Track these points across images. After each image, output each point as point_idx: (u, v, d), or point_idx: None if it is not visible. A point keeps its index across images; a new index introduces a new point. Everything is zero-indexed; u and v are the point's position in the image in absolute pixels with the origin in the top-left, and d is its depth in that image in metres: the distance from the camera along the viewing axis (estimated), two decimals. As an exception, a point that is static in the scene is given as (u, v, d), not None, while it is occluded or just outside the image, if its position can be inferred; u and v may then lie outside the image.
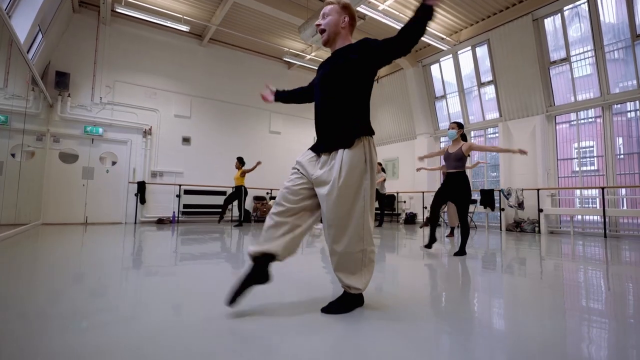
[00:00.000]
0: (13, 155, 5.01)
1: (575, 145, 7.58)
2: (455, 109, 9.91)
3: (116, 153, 8.17)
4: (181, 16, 7.95)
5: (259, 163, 7.60)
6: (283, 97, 2.18)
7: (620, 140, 7.03)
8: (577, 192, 7.58)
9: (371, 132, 1.73)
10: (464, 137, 3.97)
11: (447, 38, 8.86)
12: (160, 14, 7.83)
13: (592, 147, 7.47)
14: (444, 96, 10.13)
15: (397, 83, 11.02)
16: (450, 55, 9.47)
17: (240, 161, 7.91)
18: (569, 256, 4.20)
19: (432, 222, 4.10)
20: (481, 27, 8.47)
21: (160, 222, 8.30)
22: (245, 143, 10.06)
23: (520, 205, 7.64)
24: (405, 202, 10.98)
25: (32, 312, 1.66)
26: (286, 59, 9.79)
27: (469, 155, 3.89)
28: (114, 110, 8.14)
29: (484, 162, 9.14)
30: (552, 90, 7.81)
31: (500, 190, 8.12)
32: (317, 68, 2.04)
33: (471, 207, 8.60)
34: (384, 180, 8.55)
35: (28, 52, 5.82)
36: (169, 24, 7.82)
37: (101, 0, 7.24)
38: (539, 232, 7.37)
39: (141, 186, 8.15)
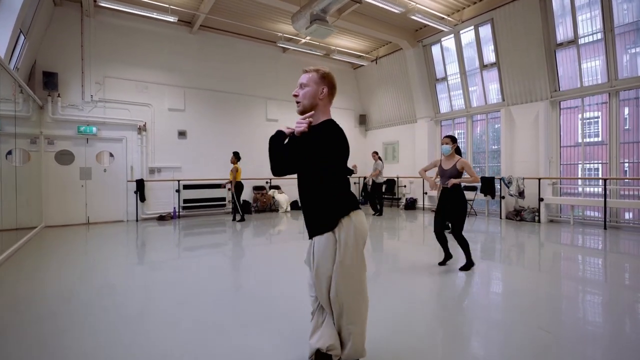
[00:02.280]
0: (9, 152, 5.00)
1: (580, 116, 7.33)
2: (457, 92, 9.59)
3: (112, 151, 8.08)
4: (167, 6, 7.54)
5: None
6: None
7: (626, 111, 6.81)
8: (579, 174, 7.39)
9: (347, 212, 1.65)
10: (457, 151, 3.82)
11: (448, 17, 8.39)
12: (145, 5, 7.44)
13: (598, 118, 7.23)
14: (445, 78, 9.77)
15: (397, 64, 10.61)
16: (452, 35, 9.02)
17: (236, 156, 7.83)
18: (568, 263, 4.20)
19: (441, 243, 3.91)
20: (485, 6, 7.99)
21: (162, 218, 8.35)
22: (242, 133, 9.89)
23: (521, 195, 7.57)
24: (405, 186, 10.92)
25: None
26: (280, 45, 9.40)
27: (462, 171, 3.75)
28: (106, 107, 7.95)
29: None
30: (557, 74, 7.48)
31: (501, 179, 8.02)
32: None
33: (472, 195, 8.55)
34: (380, 172, 8.77)
35: (11, 56, 5.61)
36: (155, 15, 7.45)
37: (82, -8, 6.88)
38: (539, 221, 7.34)
39: (140, 184, 8.12)
